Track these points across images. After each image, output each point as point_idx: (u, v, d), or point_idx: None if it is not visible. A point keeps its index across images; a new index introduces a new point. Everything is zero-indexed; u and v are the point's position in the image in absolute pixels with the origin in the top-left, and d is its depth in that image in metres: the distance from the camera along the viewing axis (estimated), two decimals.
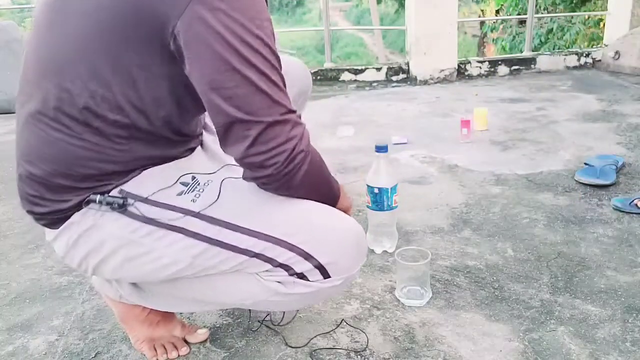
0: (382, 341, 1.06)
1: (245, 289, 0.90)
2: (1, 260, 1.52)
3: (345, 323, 1.12)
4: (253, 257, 0.85)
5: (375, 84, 3.94)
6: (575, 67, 4.15)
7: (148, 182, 0.87)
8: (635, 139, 2.29)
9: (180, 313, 1.16)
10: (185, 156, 0.93)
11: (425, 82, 3.87)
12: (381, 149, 1.35)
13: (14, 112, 3.78)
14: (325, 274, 0.87)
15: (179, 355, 1.06)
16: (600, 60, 4.10)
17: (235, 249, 0.85)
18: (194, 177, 0.89)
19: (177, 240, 0.84)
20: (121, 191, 0.86)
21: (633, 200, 1.59)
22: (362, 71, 4.02)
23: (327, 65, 4.11)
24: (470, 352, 1.02)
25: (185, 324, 1.12)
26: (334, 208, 0.92)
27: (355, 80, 4.02)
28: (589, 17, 7.83)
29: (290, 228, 0.85)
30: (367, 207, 1.40)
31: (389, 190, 1.35)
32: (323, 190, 0.92)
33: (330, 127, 2.74)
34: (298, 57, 1.32)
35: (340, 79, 4.03)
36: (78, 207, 0.86)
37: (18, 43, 3.64)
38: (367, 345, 1.05)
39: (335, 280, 0.88)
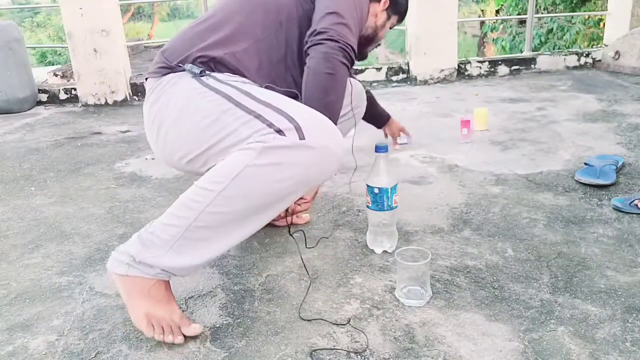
0: (382, 341, 1.06)
1: (239, 158, 1.06)
2: (1, 260, 1.52)
3: (350, 325, 1.12)
4: (256, 117, 1.08)
5: (375, 84, 3.94)
6: (575, 67, 4.15)
7: (224, 74, 1.23)
8: (635, 139, 2.29)
9: (180, 307, 1.16)
10: None
11: (425, 82, 3.87)
12: (381, 149, 1.35)
13: (14, 112, 3.80)
14: (301, 135, 1.04)
15: (173, 342, 1.07)
16: (600, 60, 4.10)
17: (246, 109, 1.10)
18: (252, 82, 1.24)
19: (216, 99, 1.14)
20: (204, 71, 1.21)
21: (633, 201, 1.59)
22: (362, 71, 4.02)
23: None
24: (470, 352, 1.02)
25: (182, 314, 1.12)
26: None
27: None
28: (589, 17, 7.83)
29: (286, 105, 1.11)
30: (367, 207, 1.40)
31: (389, 190, 1.35)
32: (330, 102, 1.26)
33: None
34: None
35: None
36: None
37: (18, 43, 3.63)
38: (367, 345, 1.05)
39: (310, 142, 1.04)
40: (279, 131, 1.04)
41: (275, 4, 1.32)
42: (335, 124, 1.20)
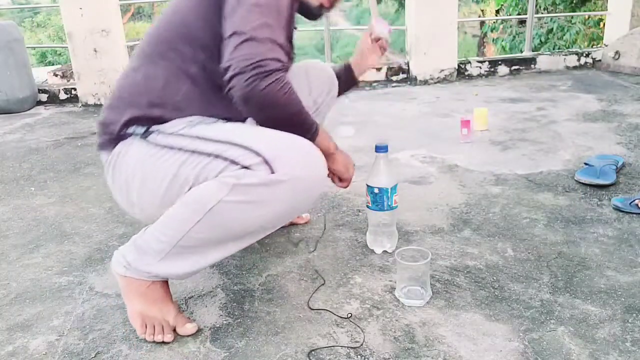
0: (382, 341, 1.06)
1: (207, 191, 1.02)
2: (1, 260, 1.52)
3: (350, 323, 1.12)
4: (215, 158, 1.03)
5: (375, 84, 3.94)
6: (575, 67, 4.14)
7: (170, 123, 1.12)
8: (635, 139, 2.29)
9: (179, 306, 1.16)
10: None
11: (425, 82, 3.87)
12: (381, 149, 1.35)
13: (14, 112, 3.80)
14: (271, 169, 0.99)
15: (162, 341, 1.08)
16: (600, 60, 4.10)
17: (203, 153, 1.04)
18: (200, 121, 1.12)
19: (170, 156, 1.07)
20: (152, 127, 1.11)
21: (633, 200, 1.59)
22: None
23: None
24: (470, 352, 1.02)
25: (179, 313, 1.13)
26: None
27: None
28: (589, 17, 7.83)
29: (246, 137, 1.04)
30: (367, 207, 1.40)
31: (389, 190, 1.35)
32: (289, 119, 1.09)
33: (330, 127, 2.73)
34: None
35: None
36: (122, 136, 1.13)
37: (18, 43, 3.63)
38: (367, 345, 1.05)
39: (279, 175, 0.99)
40: (247, 167, 1.00)
41: (191, 30, 1.13)
42: (303, 127, 1.11)
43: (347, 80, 1.55)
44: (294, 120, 1.09)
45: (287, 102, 1.06)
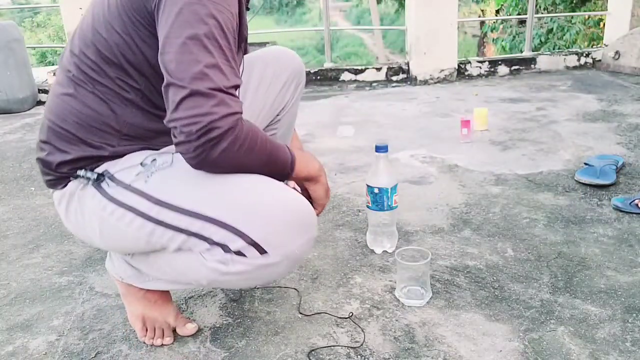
0: (382, 341, 1.06)
1: (196, 269, 0.94)
2: (1, 260, 1.52)
3: (350, 322, 1.12)
4: (191, 235, 0.90)
5: (375, 84, 3.94)
6: (575, 67, 4.14)
7: (122, 161, 0.97)
8: (635, 139, 2.29)
9: (179, 306, 1.17)
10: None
11: (425, 82, 3.87)
12: (381, 149, 1.35)
13: (14, 112, 3.79)
14: (261, 250, 0.89)
15: (162, 344, 1.08)
16: (600, 60, 4.10)
17: (174, 228, 0.91)
18: (154, 159, 0.96)
19: (132, 219, 0.93)
20: (105, 171, 0.97)
21: (633, 200, 1.59)
22: (362, 71, 4.02)
23: (327, 65, 4.11)
24: (470, 352, 1.02)
25: (178, 313, 1.13)
26: (278, 184, 0.93)
27: (355, 80, 4.02)
28: (589, 17, 7.83)
29: (221, 205, 0.89)
30: (367, 207, 1.40)
31: (389, 190, 1.35)
32: (256, 170, 0.92)
33: (330, 127, 2.74)
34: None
35: (340, 79, 4.02)
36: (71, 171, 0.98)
37: (18, 43, 3.63)
38: (367, 345, 1.05)
39: (273, 256, 0.89)
40: (237, 252, 0.89)
41: (116, 52, 0.94)
42: (275, 167, 0.96)
43: None
44: (262, 168, 0.93)
45: (248, 158, 0.89)
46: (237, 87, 0.88)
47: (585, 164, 1.93)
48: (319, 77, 3.98)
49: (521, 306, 1.16)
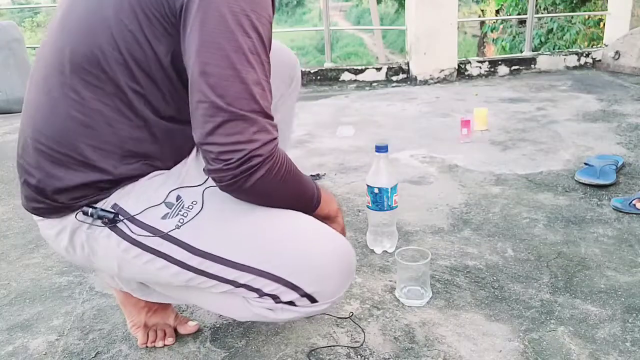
0: (382, 341, 1.06)
1: (237, 309, 0.93)
2: (1, 260, 1.52)
3: (350, 321, 1.12)
4: (239, 287, 0.87)
5: (375, 84, 3.94)
6: (575, 67, 4.15)
7: (137, 197, 0.86)
8: (635, 139, 2.29)
9: (179, 306, 1.17)
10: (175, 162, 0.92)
11: (425, 82, 3.87)
12: (381, 149, 1.35)
13: (14, 112, 3.78)
14: (313, 300, 0.88)
15: (164, 345, 1.08)
16: (600, 60, 4.10)
17: (221, 279, 0.86)
18: (179, 197, 0.87)
19: (166, 265, 0.86)
20: (114, 206, 0.86)
21: (632, 201, 1.59)
22: (362, 71, 4.02)
23: (327, 65, 4.11)
24: (470, 352, 1.02)
25: (178, 314, 1.13)
26: (319, 224, 0.90)
27: (355, 80, 4.02)
28: (589, 17, 7.82)
29: (273, 258, 0.85)
30: (367, 207, 1.40)
31: (389, 190, 1.35)
32: (286, 201, 0.88)
33: (330, 127, 2.74)
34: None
35: (340, 79, 4.03)
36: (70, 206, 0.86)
37: (18, 43, 3.63)
38: (367, 345, 1.05)
39: (323, 304, 0.90)
40: (289, 302, 0.87)
41: (117, 53, 0.81)
42: (303, 201, 0.91)
43: None
44: (291, 200, 0.89)
45: (281, 188, 0.84)
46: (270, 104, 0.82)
47: (585, 164, 1.93)
48: (319, 77, 3.98)
49: (521, 306, 1.16)
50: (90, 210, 0.85)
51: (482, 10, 12.29)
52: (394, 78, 4.03)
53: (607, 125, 2.52)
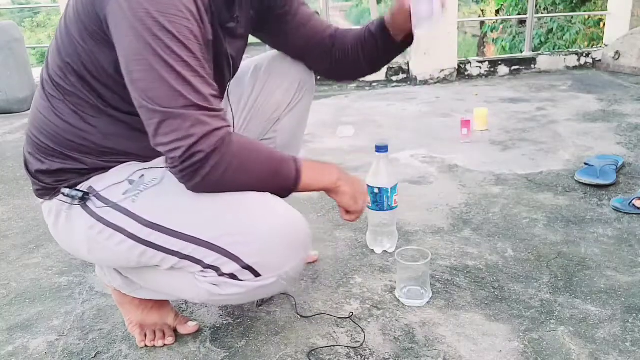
0: (382, 341, 1.06)
1: (189, 288, 0.94)
2: (1, 260, 1.52)
3: (350, 322, 1.12)
4: (183, 258, 0.89)
5: (375, 84, 3.94)
6: (575, 67, 4.14)
7: (108, 177, 0.94)
8: (635, 139, 2.29)
9: (179, 306, 1.17)
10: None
11: (425, 82, 3.87)
12: (381, 149, 1.35)
13: (14, 112, 3.79)
14: (256, 273, 0.89)
15: (164, 345, 1.08)
16: (600, 60, 4.10)
17: (166, 251, 0.89)
18: (142, 175, 0.93)
19: (122, 240, 0.91)
20: (89, 188, 0.94)
21: (631, 201, 1.59)
22: None
23: None
24: (470, 352, 1.02)
25: (178, 313, 1.13)
26: (272, 200, 0.91)
27: (355, 80, 4.02)
28: (589, 17, 7.83)
29: (214, 228, 0.87)
30: (367, 207, 1.40)
31: (389, 190, 1.35)
32: (251, 187, 0.89)
33: (331, 127, 2.74)
34: None
35: None
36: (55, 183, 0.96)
37: (18, 43, 3.63)
38: (367, 345, 1.05)
39: (267, 279, 0.90)
40: (230, 275, 0.89)
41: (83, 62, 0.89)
42: (276, 182, 0.92)
43: (385, 46, 1.13)
44: (259, 185, 0.90)
45: (241, 177, 0.86)
46: (212, 96, 0.83)
47: (585, 164, 1.93)
48: (319, 77, 3.98)
49: (521, 306, 1.16)
50: (66, 190, 0.93)
51: (482, 10, 12.30)
52: (394, 78, 4.03)
53: (607, 125, 2.52)
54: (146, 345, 1.08)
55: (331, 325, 1.12)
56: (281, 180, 0.92)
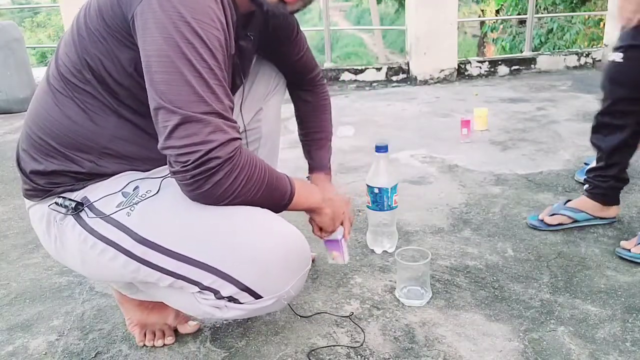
0: (382, 341, 1.06)
1: (191, 306, 0.94)
2: (1, 260, 1.52)
3: (350, 322, 1.12)
4: (179, 278, 0.87)
5: (375, 84, 3.94)
6: (575, 67, 4.15)
7: (103, 187, 0.91)
8: None
9: None
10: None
11: (425, 82, 3.87)
12: (381, 149, 1.35)
13: (14, 112, 3.78)
14: (255, 295, 0.88)
15: (164, 345, 1.08)
16: (600, 60, 4.10)
17: (162, 270, 0.87)
18: (136, 187, 0.90)
19: (115, 255, 0.88)
20: (84, 198, 0.91)
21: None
22: (362, 71, 4.02)
23: (327, 65, 4.11)
24: (470, 352, 1.02)
25: (178, 313, 1.13)
26: (270, 219, 0.90)
27: (355, 80, 4.02)
28: (589, 17, 7.84)
29: (210, 248, 0.85)
30: (367, 207, 1.40)
31: (389, 190, 1.35)
32: (251, 202, 0.88)
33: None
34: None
35: (340, 79, 4.03)
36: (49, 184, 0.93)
37: (18, 43, 3.63)
38: (367, 345, 1.05)
39: (268, 300, 0.89)
40: (229, 298, 0.88)
41: (97, 65, 0.88)
42: (272, 199, 0.91)
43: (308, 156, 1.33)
44: (259, 199, 0.88)
45: (245, 188, 0.85)
46: (231, 108, 0.83)
47: (585, 164, 1.93)
48: None
49: (521, 306, 1.16)
50: (60, 200, 0.90)
51: (482, 10, 12.30)
52: (394, 78, 4.03)
53: None
54: (146, 345, 1.08)
55: (331, 325, 1.12)
56: (278, 196, 0.92)
